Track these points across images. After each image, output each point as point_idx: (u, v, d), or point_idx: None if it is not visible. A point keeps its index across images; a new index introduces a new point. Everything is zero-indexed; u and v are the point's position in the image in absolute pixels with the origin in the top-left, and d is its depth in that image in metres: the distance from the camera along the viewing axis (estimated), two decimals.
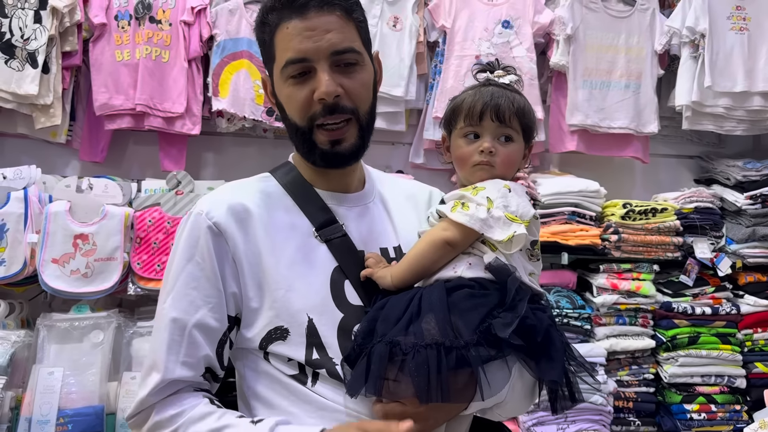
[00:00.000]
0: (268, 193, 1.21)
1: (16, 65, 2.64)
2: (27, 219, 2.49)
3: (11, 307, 2.56)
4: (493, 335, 1.00)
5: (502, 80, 1.22)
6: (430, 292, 1.07)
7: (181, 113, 2.78)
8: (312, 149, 1.16)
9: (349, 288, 1.15)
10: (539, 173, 3.09)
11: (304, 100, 1.13)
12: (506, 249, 1.09)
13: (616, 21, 3.09)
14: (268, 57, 1.18)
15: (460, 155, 1.19)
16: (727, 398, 2.85)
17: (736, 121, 3.08)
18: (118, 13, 2.78)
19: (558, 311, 2.73)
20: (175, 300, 1.13)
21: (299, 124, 1.15)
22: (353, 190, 1.26)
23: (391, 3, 2.95)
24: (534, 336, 1.03)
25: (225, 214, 1.14)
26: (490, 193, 1.11)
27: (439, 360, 0.98)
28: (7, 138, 2.89)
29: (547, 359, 1.06)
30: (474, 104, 1.17)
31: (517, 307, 1.03)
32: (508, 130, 1.17)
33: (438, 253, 1.11)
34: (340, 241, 1.17)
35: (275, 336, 1.12)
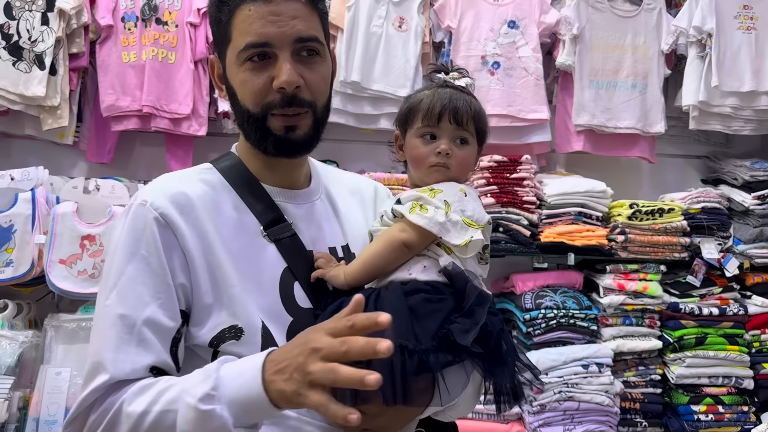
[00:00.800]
0: (212, 186, 1.14)
1: (24, 67, 2.66)
2: (34, 220, 2.50)
3: (19, 308, 2.58)
4: (451, 341, 1.01)
5: (458, 83, 1.22)
6: (387, 296, 1.06)
7: (187, 114, 2.79)
8: (265, 136, 1.11)
9: (298, 290, 1.12)
10: (546, 173, 3.09)
11: (261, 87, 1.08)
12: (462, 253, 1.11)
13: (622, 21, 3.08)
14: (222, 38, 1.12)
15: (416, 155, 1.19)
16: (734, 399, 2.83)
17: (743, 121, 3.07)
18: (124, 15, 2.80)
19: (564, 312, 2.73)
20: (121, 296, 1.04)
21: (252, 110, 1.10)
22: (300, 186, 1.21)
23: (397, 4, 2.95)
24: (488, 341, 1.04)
25: (169, 204, 1.07)
26: (447, 196, 1.12)
27: (403, 362, 0.97)
28: (14, 139, 2.91)
29: (499, 363, 1.07)
30: (433, 105, 1.17)
31: (475, 314, 1.04)
32: (464, 133, 1.18)
33: (395, 254, 1.11)
34: (289, 241, 1.12)
35: (229, 335, 1.06)
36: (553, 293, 2.81)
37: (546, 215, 2.84)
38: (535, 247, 2.80)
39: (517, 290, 2.86)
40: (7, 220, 2.49)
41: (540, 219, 2.84)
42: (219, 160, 1.20)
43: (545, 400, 2.64)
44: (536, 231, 2.82)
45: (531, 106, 2.97)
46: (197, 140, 2.92)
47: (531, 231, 2.79)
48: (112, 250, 1.09)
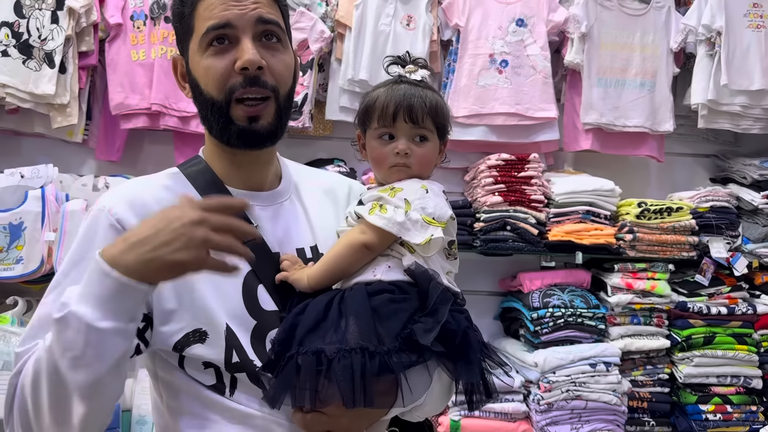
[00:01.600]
0: (175, 192, 1.12)
1: (34, 65, 2.67)
2: (44, 217, 2.52)
3: (29, 305, 2.59)
4: (414, 341, 1.01)
5: (414, 76, 1.19)
6: (351, 297, 1.06)
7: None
8: (228, 125, 1.10)
9: (262, 293, 1.11)
10: (554, 172, 3.08)
11: (223, 71, 1.08)
12: (424, 252, 1.10)
13: (631, 19, 3.07)
14: (186, 31, 1.12)
15: (376, 156, 1.18)
16: (743, 399, 2.83)
17: (752, 120, 3.05)
18: (133, 14, 2.81)
19: (572, 311, 2.73)
20: (57, 297, 1.01)
21: (216, 97, 1.09)
22: (268, 186, 1.20)
23: (405, 2, 2.95)
24: (453, 339, 1.04)
25: (128, 210, 1.07)
26: (407, 194, 1.11)
27: (363, 365, 0.97)
28: (24, 137, 2.93)
29: (464, 361, 1.06)
30: (387, 104, 1.15)
31: (437, 313, 1.03)
32: (422, 130, 1.16)
33: (355, 256, 1.11)
34: (253, 245, 1.08)
35: (193, 339, 1.06)
36: (561, 292, 2.80)
37: (554, 214, 2.84)
38: (542, 246, 2.80)
39: (524, 289, 2.86)
40: (17, 217, 2.51)
41: (548, 217, 2.84)
42: (185, 164, 1.19)
43: (553, 398, 2.64)
44: (544, 229, 2.82)
45: (539, 104, 2.96)
46: None
47: (539, 229, 2.79)
48: (68, 252, 1.10)
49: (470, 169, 2.99)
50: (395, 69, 1.21)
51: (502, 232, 2.78)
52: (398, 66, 1.22)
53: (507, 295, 3.05)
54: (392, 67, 1.22)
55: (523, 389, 2.70)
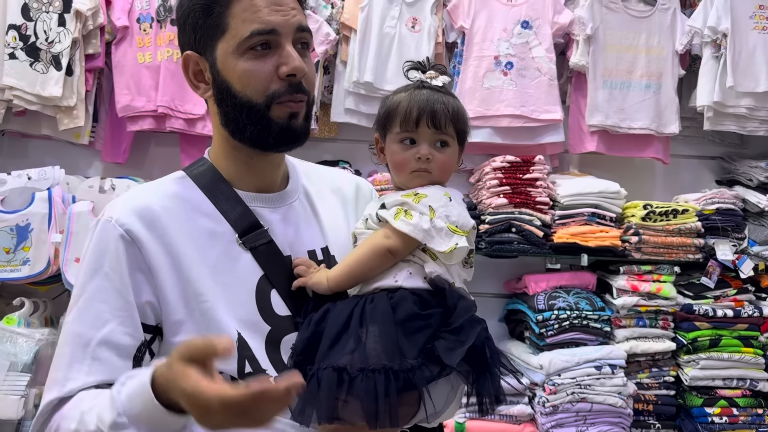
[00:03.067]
0: (184, 197, 1.11)
1: (41, 68, 2.69)
2: (51, 219, 2.53)
3: (35, 306, 2.60)
4: (436, 356, 1.01)
5: (435, 82, 1.19)
6: (373, 308, 1.05)
7: (201, 115, 2.81)
8: (267, 127, 1.08)
9: (276, 298, 1.09)
10: (559, 174, 3.08)
11: (266, 75, 1.06)
12: (447, 260, 1.10)
13: (636, 21, 3.07)
14: (213, 29, 1.07)
15: (397, 161, 1.17)
16: (749, 402, 2.81)
17: (758, 122, 3.04)
18: (140, 16, 2.82)
19: (577, 313, 2.72)
20: (80, 313, 1.03)
21: (255, 100, 1.06)
22: (277, 188, 1.18)
23: (410, 4, 2.96)
24: (474, 354, 1.04)
25: (135, 220, 1.05)
26: (432, 201, 1.11)
27: (387, 384, 0.97)
28: (31, 139, 2.94)
29: (484, 373, 1.06)
30: (410, 109, 1.14)
31: (463, 332, 1.03)
32: (443, 135, 1.15)
33: (378, 260, 1.10)
34: (265, 248, 1.09)
35: None
36: (566, 294, 2.80)
37: (559, 216, 2.84)
38: (548, 248, 2.80)
39: (529, 291, 2.85)
40: (24, 219, 2.52)
41: (553, 219, 2.84)
42: (192, 167, 1.17)
43: (558, 401, 2.64)
44: (549, 232, 2.82)
45: (544, 106, 2.96)
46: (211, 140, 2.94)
47: (544, 231, 2.79)
48: (79, 267, 1.09)
49: (475, 171, 2.99)
50: (415, 74, 1.21)
51: (507, 234, 2.78)
52: (418, 71, 1.21)
53: (512, 297, 3.05)
54: (412, 72, 1.21)
55: (528, 391, 2.70)
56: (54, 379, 1.03)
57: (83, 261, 1.08)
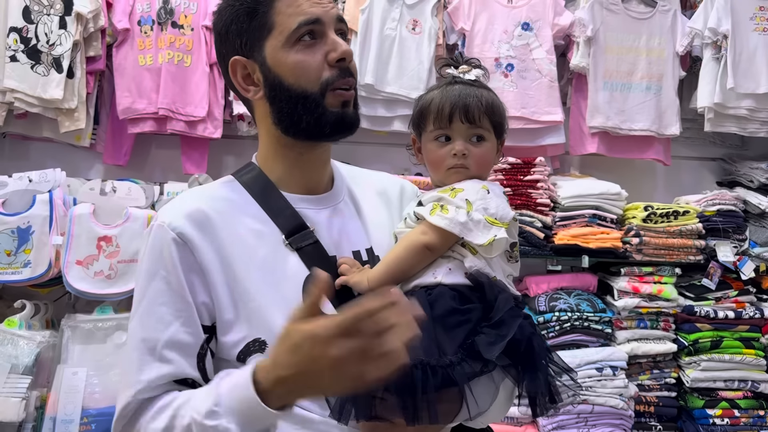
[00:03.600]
0: (232, 200, 1.14)
1: (42, 70, 2.69)
2: (52, 221, 2.53)
3: (36, 308, 2.60)
4: (477, 352, 0.99)
5: (468, 76, 1.18)
6: None
7: (202, 117, 2.81)
8: (322, 115, 1.11)
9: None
10: (560, 175, 3.08)
11: (318, 64, 1.10)
12: (487, 253, 1.07)
13: (636, 22, 3.07)
14: (260, 29, 1.11)
15: (433, 159, 1.16)
16: (750, 403, 2.81)
17: (759, 123, 3.04)
18: (141, 19, 2.82)
19: (579, 314, 2.72)
20: (143, 318, 1.07)
21: (310, 90, 1.10)
22: (323, 189, 1.20)
23: (411, 6, 2.96)
24: (517, 348, 1.01)
25: (187, 223, 1.08)
26: (468, 195, 1.09)
27: (425, 380, 0.95)
28: (32, 142, 2.94)
29: (530, 369, 1.04)
30: (442, 106, 1.14)
31: (503, 326, 1.01)
32: (479, 129, 1.14)
33: (417, 257, 1.09)
34: (311, 249, 1.11)
35: (254, 348, 1.07)
36: (567, 296, 2.80)
37: (560, 217, 2.84)
38: (549, 250, 2.80)
39: (530, 293, 2.85)
40: (25, 221, 2.52)
41: (554, 221, 2.84)
42: (240, 172, 1.20)
43: None
44: (550, 233, 2.82)
45: (545, 108, 2.96)
46: (212, 142, 2.95)
47: (545, 233, 2.79)
48: (137, 273, 1.12)
49: None
50: (448, 71, 1.20)
51: None
52: (451, 68, 1.20)
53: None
54: (445, 69, 1.21)
55: None
56: (127, 383, 1.06)
57: (141, 266, 1.11)
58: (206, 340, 1.08)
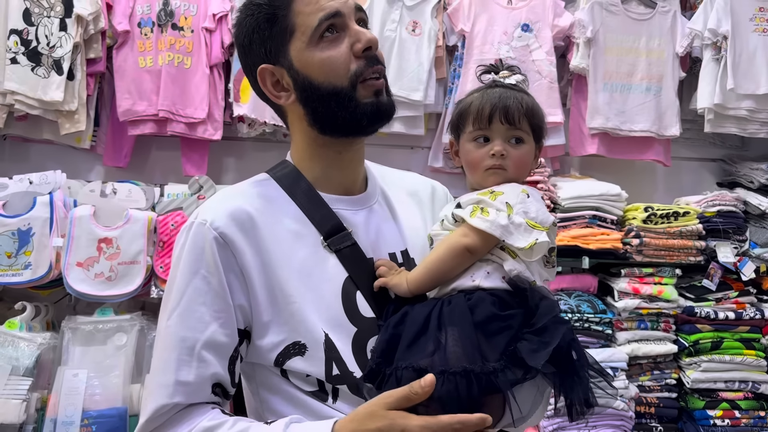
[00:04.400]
0: (270, 198, 1.13)
1: (42, 72, 2.69)
2: (52, 223, 2.53)
3: (37, 310, 2.60)
4: (520, 358, 0.98)
5: (508, 80, 1.18)
6: (451, 310, 1.02)
7: (202, 119, 2.81)
8: (356, 109, 1.09)
9: (360, 299, 1.10)
10: (559, 177, 3.08)
11: (345, 58, 1.08)
12: (527, 257, 1.06)
13: (636, 24, 3.07)
14: (283, 33, 1.10)
15: (471, 160, 1.15)
16: (751, 404, 2.81)
17: (759, 124, 3.04)
18: (141, 21, 2.83)
19: (579, 315, 2.72)
20: (182, 317, 1.06)
21: (340, 85, 1.08)
22: (358, 190, 1.19)
23: (410, 8, 2.96)
24: (559, 355, 1.00)
25: (230, 223, 1.07)
26: (509, 198, 1.09)
27: (469, 387, 0.94)
28: (33, 144, 2.95)
29: (571, 376, 1.03)
30: (482, 107, 1.13)
31: (546, 332, 1.00)
32: (518, 131, 1.14)
33: (457, 259, 1.07)
34: (350, 251, 1.11)
35: (293, 351, 1.06)
36: (568, 297, 2.80)
37: (560, 219, 2.84)
38: None
39: None
40: (25, 223, 2.52)
41: None
42: (275, 169, 1.19)
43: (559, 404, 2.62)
44: None
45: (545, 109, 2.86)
46: (212, 144, 2.95)
47: None
48: (172, 271, 1.10)
49: None
50: (488, 76, 1.20)
51: None
52: (491, 73, 1.21)
53: None
54: (485, 75, 1.21)
55: None
56: (161, 384, 1.04)
57: (179, 263, 1.08)
58: (239, 343, 1.08)
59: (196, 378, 1.04)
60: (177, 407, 1.04)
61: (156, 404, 1.04)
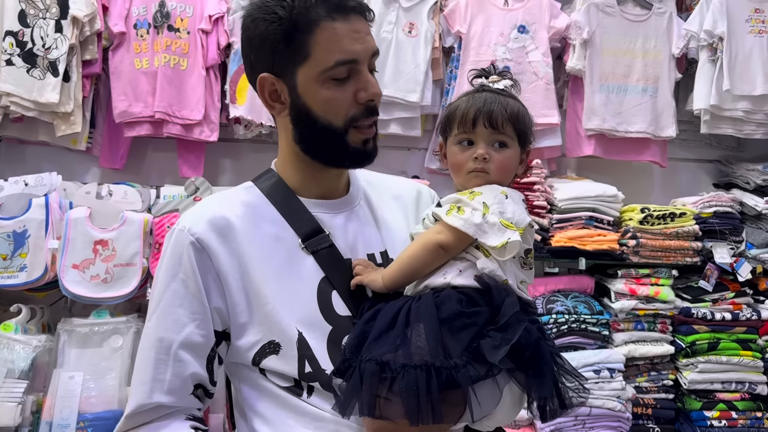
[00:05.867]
0: (251, 205, 1.17)
1: (38, 74, 2.68)
2: (48, 225, 2.52)
3: (33, 312, 2.60)
4: (482, 355, 1.00)
5: (497, 85, 1.20)
6: (418, 306, 1.05)
7: (199, 120, 2.81)
8: (344, 149, 1.14)
9: (336, 299, 1.13)
10: (556, 178, 3.08)
11: (348, 102, 1.12)
12: (500, 255, 1.09)
13: (632, 25, 3.08)
14: (294, 54, 1.10)
15: (455, 162, 1.18)
16: (748, 405, 2.81)
17: (755, 125, 3.05)
18: (137, 22, 2.82)
19: (576, 317, 2.72)
20: (160, 319, 1.11)
21: (335, 124, 1.12)
22: (339, 194, 1.23)
23: (407, 9, 2.96)
24: (523, 352, 1.02)
25: (207, 229, 1.12)
26: (486, 198, 1.11)
27: (428, 381, 0.97)
28: (28, 145, 2.94)
29: (536, 374, 1.05)
30: (467, 111, 1.16)
31: (509, 329, 1.02)
32: (501, 136, 1.16)
33: (430, 256, 1.10)
34: (326, 252, 1.15)
35: (268, 350, 1.11)
36: (564, 298, 2.80)
37: (557, 220, 2.84)
38: (545, 252, 2.80)
39: None
40: (21, 225, 2.51)
41: (551, 223, 2.84)
42: (259, 179, 1.23)
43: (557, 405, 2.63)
44: (547, 236, 2.82)
45: (541, 110, 2.97)
46: (209, 146, 2.94)
47: (542, 236, 2.79)
48: (156, 275, 1.16)
49: None
50: (479, 80, 1.23)
51: None
52: (482, 78, 1.23)
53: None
54: (476, 79, 1.23)
55: None
56: (140, 381, 1.11)
57: (160, 268, 1.14)
58: (216, 343, 1.13)
59: (173, 377, 1.09)
60: (158, 410, 1.10)
61: (136, 402, 1.10)
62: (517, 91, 1.22)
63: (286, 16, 1.08)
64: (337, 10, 1.09)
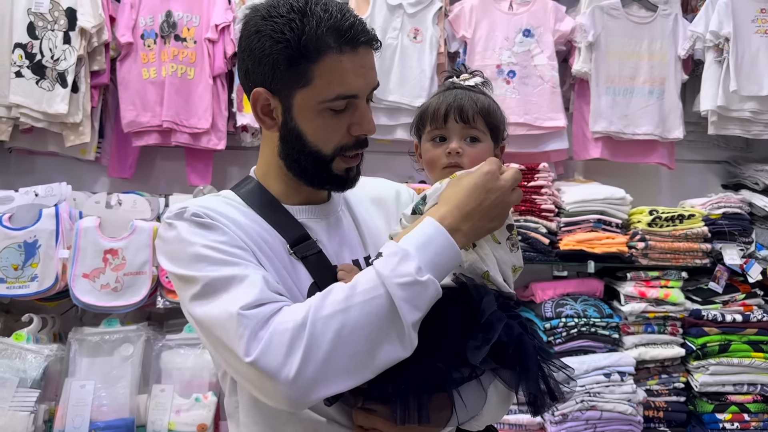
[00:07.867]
0: (239, 210, 1.15)
1: (47, 85, 2.71)
2: (58, 235, 2.54)
3: (44, 322, 2.62)
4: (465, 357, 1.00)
5: (467, 83, 1.22)
6: None
7: (206, 129, 2.83)
8: (326, 174, 1.15)
9: None
10: (564, 181, 3.08)
11: (342, 133, 1.12)
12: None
13: (638, 27, 3.07)
14: (294, 78, 1.08)
15: (429, 158, 1.20)
16: (760, 407, 2.79)
17: (763, 125, 3.03)
18: (144, 32, 2.84)
19: (585, 320, 2.71)
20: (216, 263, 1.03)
21: (324, 151, 1.12)
22: (320, 200, 1.23)
23: (412, 15, 2.97)
24: (505, 350, 1.03)
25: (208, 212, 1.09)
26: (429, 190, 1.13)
27: (415, 386, 0.98)
28: (38, 156, 2.96)
29: (520, 370, 1.05)
30: (438, 107, 1.18)
31: (490, 329, 1.02)
32: (473, 130, 1.17)
33: None
34: (315, 258, 1.14)
35: None
36: (574, 301, 2.79)
37: (565, 223, 2.83)
38: (554, 255, 2.79)
39: (536, 299, 2.85)
40: (31, 235, 2.54)
41: (559, 227, 2.83)
42: (239, 186, 1.21)
43: (567, 409, 2.62)
44: (555, 239, 2.81)
45: (547, 113, 2.97)
46: (217, 154, 2.96)
47: (550, 239, 2.78)
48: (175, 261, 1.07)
49: None
50: (450, 80, 1.25)
51: None
52: (454, 77, 1.25)
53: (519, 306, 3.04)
54: (448, 79, 1.25)
55: None
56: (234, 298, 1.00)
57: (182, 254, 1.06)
58: None
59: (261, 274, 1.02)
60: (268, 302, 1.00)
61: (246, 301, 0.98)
62: (489, 90, 1.24)
63: (293, 39, 1.06)
64: (347, 43, 1.07)
